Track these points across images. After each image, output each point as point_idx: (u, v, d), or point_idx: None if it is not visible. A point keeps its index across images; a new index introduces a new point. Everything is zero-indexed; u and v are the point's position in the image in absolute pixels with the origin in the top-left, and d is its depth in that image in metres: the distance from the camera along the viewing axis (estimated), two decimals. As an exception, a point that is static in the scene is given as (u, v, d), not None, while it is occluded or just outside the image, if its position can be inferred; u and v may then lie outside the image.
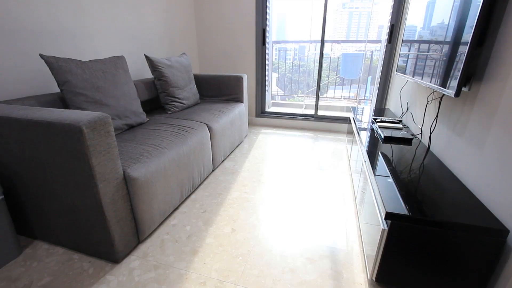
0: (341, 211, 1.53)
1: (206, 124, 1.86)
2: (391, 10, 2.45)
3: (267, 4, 2.82)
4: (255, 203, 1.60)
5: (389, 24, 2.50)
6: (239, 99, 2.51)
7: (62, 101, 1.45)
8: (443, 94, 1.37)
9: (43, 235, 1.27)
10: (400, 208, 0.92)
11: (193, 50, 3.06)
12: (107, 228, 1.08)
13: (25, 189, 1.17)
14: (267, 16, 2.86)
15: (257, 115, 3.21)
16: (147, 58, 1.95)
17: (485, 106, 1.03)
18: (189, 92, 2.19)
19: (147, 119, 1.82)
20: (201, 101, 2.50)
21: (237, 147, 2.50)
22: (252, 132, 2.97)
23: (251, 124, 3.27)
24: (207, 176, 1.91)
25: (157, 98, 2.27)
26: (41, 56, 1.29)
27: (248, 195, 1.69)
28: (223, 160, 2.17)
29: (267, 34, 2.89)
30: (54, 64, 1.31)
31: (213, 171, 2.00)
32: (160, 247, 1.25)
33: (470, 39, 0.97)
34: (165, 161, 1.34)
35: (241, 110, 2.43)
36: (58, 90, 1.60)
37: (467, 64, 0.99)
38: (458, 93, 1.03)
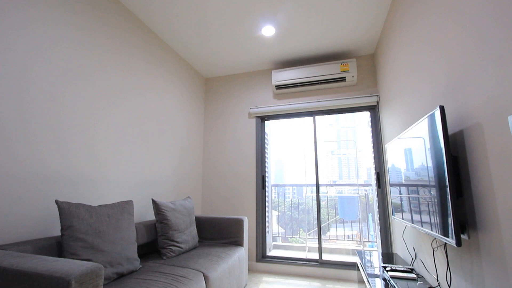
0: None
1: (203, 273, 1.70)
2: (373, 160, 2.82)
3: (266, 154, 3.28)
4: None
5: (374, 171, 2.81)
6: (239, 243, 2.42)
7: (58, 245, 1.41)
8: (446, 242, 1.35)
9: None
10: None
11: (197, 193, 3.27)
12: None
13: None
14: (266, 164, 3.25)
15: (258, 260, 2.98)
16: (154, 202, 2.06)
17: (492, 256, 1.00)
18: (188, 235, 2.16)
19: (140, 266, 1.69)
20: (200, 244, 2.41)
21: (234, 300, 2.16)
22: (252, 280, 2.66)
23: (251, 270, 2.97)
24: None
25: (155, 241, 2.20)
26: (56, 202, 1.38)
27: None
28: (217, 320, 1.82)
29: (266, 179, 3.18)
30: (65, 210, 1.38)
31: (204, 336, 1.64)
32: None
33: (448, 192, 1.08)
34: (150, 323, 1.14)
35: (240, 255, 2.29)
36: (57, 233, 1.59)
37: (455, 212, 1.05)
38: (459, 243, 1.03)
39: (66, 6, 1.72)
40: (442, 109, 1.12)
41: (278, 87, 3.11)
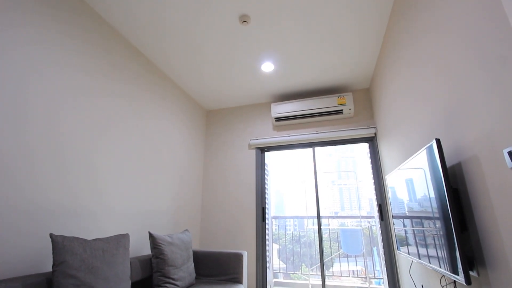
0: None
1: (199, 314, 1.60)
2: (375, 191, 2.79)
3: (266, 185, 3.26)
4: None
5: (376, 203, 2.77)
6: (238, 280, 2.30)
7: (48, 283, 1.34)
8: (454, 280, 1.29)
9: None
10: None
11: (195, 224, 3.17)
12: None
13: None
14: (266, 196, 3.21)
15: (258, 299, 2.80)
16: (151, 235, 2.00)
17: (505, 295, 0.96)
18: (185, 272, 2.06)
19: (132, 307, 1.59)
20: (196, 281, 2.29)
21: None
22: (251, 322, 2.48)
23: (250, 310, 2.78)
24: None
25: (149, 278, 2.09)
26: (51, 235, 1.34)
27: None
28: None
29: (266, 211, 3.12)
30: (59, 244, 1.34)
31: None
32: None
33: (452, 225, 1.06)
34: None
35: (239, 294, 2.16)
36: (49, 269, 1.52)
37: (461, 247, 1.02)
38: (468, 280, 0.99)
39: (67, 31, 1.73)
40: (438, 142, 1.15)
41: (278, 119, 3.19)
